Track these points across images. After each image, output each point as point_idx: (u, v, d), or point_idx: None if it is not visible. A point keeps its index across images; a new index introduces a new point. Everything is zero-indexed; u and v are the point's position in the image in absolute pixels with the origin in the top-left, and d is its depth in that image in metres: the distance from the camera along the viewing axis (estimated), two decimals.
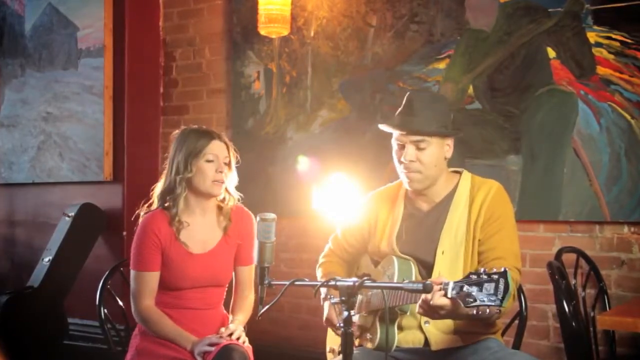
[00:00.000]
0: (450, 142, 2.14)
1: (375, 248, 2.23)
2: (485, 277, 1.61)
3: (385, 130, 2.17)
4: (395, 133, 2.13)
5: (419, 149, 2.08)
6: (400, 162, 2.12)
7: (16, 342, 3.92)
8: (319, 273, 2.37)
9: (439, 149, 2.11)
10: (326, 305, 2.20)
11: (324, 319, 2.22)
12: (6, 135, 4.84)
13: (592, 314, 2.69)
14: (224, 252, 2.47)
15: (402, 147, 2.11)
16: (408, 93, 2.18)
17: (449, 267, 2.07)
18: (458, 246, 2.09)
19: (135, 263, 2.41)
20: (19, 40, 4.75)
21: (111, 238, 4.26)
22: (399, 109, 2.16)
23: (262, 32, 3.62)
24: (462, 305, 1.63)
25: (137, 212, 2.51)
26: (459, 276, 2.02)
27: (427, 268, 2.11)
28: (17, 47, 4.76)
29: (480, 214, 2.09)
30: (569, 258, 2.70)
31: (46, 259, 4.15)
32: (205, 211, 2.47)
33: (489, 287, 1.58)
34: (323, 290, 2.17)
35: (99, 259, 4.19)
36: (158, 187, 2.49)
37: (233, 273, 2.53)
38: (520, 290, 2.34)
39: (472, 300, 1.60)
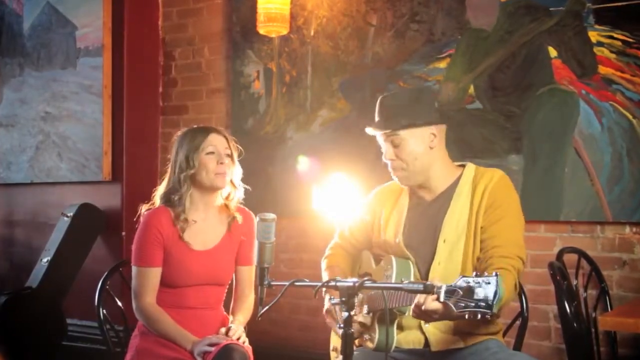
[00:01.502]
0: (434, 130, 2.11)
1: (380, 241, 2.22)
2: (476, 281, 1.60)
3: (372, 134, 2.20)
4: (377, 135, 2.16)
5: (394, 146, 2.10)
6: (386, 165, 2.15)
7: (15, 343, 3.92)
8: (323, 264, 2.37)
9: (417, 141, 2.09)
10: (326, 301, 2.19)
11: (324, 310, 2.21)
12: (4, 135, 4.83)
13: (593, 315, 2.68)
14: (226, 250, 2.47)
15: (382, 148, 2.15)
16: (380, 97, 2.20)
17: (448, 255, 2.06)
18: (459, 234, 2.07)
19: (136, 259, 2.40)
20: (18, 39, 4.73)
21: (110, 238, 4.25)
22: None
23: (262, 31, 3.61)
24: (454, 309, 1.63)
25: (139, 210, 2.49)
26: (457, 264, 2.04)
27: (427, 260, 2.09)
28: (16, 47, 4.74)
29: (482, 201, 2.07)
30: (570, 258, 2.69)
31: (45, 260, 4.14)
32: (209, 207, 2.46)
33: (480, 292, 1.59)
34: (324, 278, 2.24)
35: (97, 260, 4.18)
36: (160, 189, 2.48)
37: (233, 273, 2.52)
38: (521, 290, 2.33)
39: (463, 305, 1.60)
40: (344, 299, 1.76)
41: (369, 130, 2.17)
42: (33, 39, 4.66)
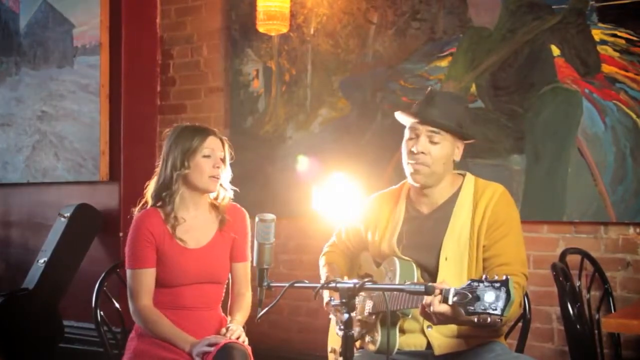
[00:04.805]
0: (460, 145, 2.13)
1: (376, 250, 2.21)
2: (487, 284, 1.60)
3: (401, 119, 2.14)
4: (411, 122, 2.10)
5: (432, 142, 2.06)
6: (410, 153, 2.08)
7: (11, 345, 3.90)
8: (321, 261, 2.36)
9: (450, 148, 2.09)
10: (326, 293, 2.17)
11: (324, 303, 2.19)
12: (1, 135, 4.80)
13: (597, 317, 2.65)
14: (219, 247, 2.46)
15: (415, 137, 2.08)
16: (430, 88, 2.16)
17: (453, 273, 2.04)
18: (462, 252, 2.06)
19: (130, 261, 2.40)
20: (14, 37, 4.71)
21: (107, 239, 4.23)
22: (419, 101, 2.14)
23: (261, 29, 3.59)
24: (463, 312, 1.61)
25: (132, 211, 2.49)
26: (462, 283, 1.99)
27: (430, 273, 2.08)
28: (12, 45, 4.72)
29: (484, 219, 2.06)
30: (573, 259, 2.66)
31: (41, 261, 4.12)
32: (199, 206, 2.46)
33: (491, 295, 1.58)
34: (323, 275, 2.25)
35: (95, 260, 4.16)
36: (152, 186, 2.48)
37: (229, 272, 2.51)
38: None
39: (472, 308, 1.60)
40: (344, 300, 1.74)
41: (404, 116, 2.11)
42: (29, 37, 4.63)
